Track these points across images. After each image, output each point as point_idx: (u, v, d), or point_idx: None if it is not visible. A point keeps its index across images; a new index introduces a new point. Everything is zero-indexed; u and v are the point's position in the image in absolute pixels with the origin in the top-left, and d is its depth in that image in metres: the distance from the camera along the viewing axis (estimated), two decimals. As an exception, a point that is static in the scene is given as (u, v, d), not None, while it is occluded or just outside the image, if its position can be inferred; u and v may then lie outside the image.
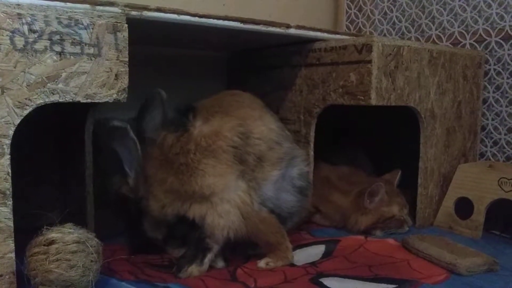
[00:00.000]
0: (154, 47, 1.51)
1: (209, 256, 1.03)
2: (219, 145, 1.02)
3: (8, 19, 0.78)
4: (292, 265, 1.06)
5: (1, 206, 0.79)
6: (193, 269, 1.00)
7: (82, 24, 0.85)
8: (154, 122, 1.08)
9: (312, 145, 1.34)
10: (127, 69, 0.90)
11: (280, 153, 1.09)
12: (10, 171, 0.80)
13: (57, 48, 0.83)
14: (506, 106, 1.51)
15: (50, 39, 0.82)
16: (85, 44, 0.85)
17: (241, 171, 1.03)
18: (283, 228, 1.09)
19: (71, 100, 0.85)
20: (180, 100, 1.11)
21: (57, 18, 0.82)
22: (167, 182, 1.02)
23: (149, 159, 1.05)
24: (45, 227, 0.86)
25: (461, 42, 1.59)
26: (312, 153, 1.34)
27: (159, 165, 1.04)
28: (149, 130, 1.07)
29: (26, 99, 0.80)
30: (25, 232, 0.85)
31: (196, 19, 1.03)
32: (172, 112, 1.09)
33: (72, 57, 0.84)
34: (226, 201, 1.00)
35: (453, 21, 1.62)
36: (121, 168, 1.07)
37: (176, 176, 1.01)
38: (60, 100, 0.84)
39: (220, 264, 1.06)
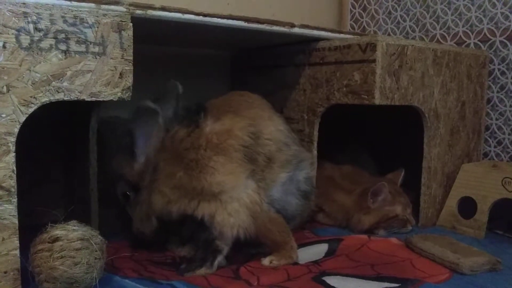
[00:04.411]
0: (158, 46, 1.51)
1: (219, 259, 1.03)
2: (230, 143, 1.02)
3: (14, 18, 0.78)
4: (295, 263, 1.06)
5: (6, 203, 0.80)
6: (202, 272, 1.00)
7: (87, 22, 0.85)
8: (167, 114, 1.08)
9: (315, 144, 1.34)
10: (132, 67, 0.91)
11: (288, 155, 1.10)
12: (15, 168, 0.80)
13: (62, 47, 0.83)
14: (510, 106, 1.51)
15: (55, 38, 0.82)
16: (90, 42, 0.86)
17: (251, 170, 1.03)
18: (288, 227, 1.09)
19: (76, 99, 0.85)
20: (184, 99, 1.11)
21: (62, 16, 0.83)
22: (175, 177, 1.02)
23: (160, 150, 1.06)
24: (49, 224, 0.87)
25: (466, 41, 1.59)
26: (315, 152, 1.34)
27: (169, 159, 1.04)
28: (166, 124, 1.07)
29: (31, 97, 0.81)
30: (29, 229, 0.85)
31: (201, 18, 1.03)
32: (183, 111, 1.09)
33: (77, 55, 0.85)
34: (235, 200, 1.00)
35: (458, 21, 1.62)
36: (130, 149, 1.07)
37: (185, 171, 1.01)
38: (65, 98, 0.84)
39: (223, 262, 1.06)
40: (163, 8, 0.97)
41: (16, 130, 0.80)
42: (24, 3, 0.79)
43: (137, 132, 1.05)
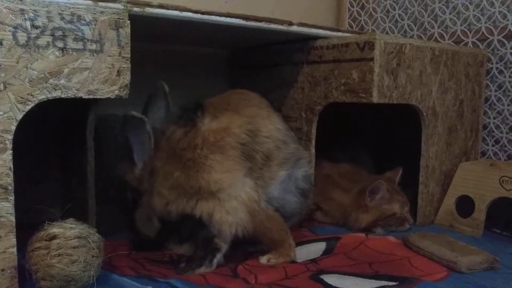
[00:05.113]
0: (156, 44, 1.51)
1: (218, 257, 1.03)
2: (228, 141, 1.02)
3: (10, 15, 0.78)
4: (293, 262, 1.06)
5: (3, 201, 0.80)
6: (201, 271, 1.00)
7: (85, 20, 0.85)
8: (159, 114, 1.08)
9: (313, 142, 1.34)
10: (129, 65, 0.91)
11: (286, 153, 1.10)
12: (12, 166, 0.80)
13: (60, 44, 0.83)
14: (508, 105, 1.51)
15: (52, 35, 0.82)
16: (88, 40, 0.86)
17: (248, 168, 1.03)
18: (286, 226, 1.09)
19: (73, 96, 0.85)
20: (181, 97, 1.11)
21: (59, 14, 0.82)
22: (173, 176, 1.02)
23: (156, 151, 1.05)
24: (46, 222, 0.86)
25: (464, 40, 1.59)
26: (313, 150, 1.34)
27: (166, 159, 1.04)
28: (154, 122, 1.07)
29: (28, 94, 0.81)
30: (27, 227, 0.85)
31: (198, 16, 1.03)
32: (180, 109, 1.09)
33: (74, 53, 0.85)
34: (233, 198, 1.00)
35: (456, 20, 1.62)
36: (129, 156, 1.07)
37: (183, 171, 1.01)
38: (62, 96, 0.84)
39: (221, 260, 1.05)
40: (161, 6, 0.97)
41: (13, 127, 0.80)
42: (21, 0, 0.79)
43: (131, 139, 1.05)
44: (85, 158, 1.11)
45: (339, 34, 1.29)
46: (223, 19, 1.07)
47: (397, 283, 0.96)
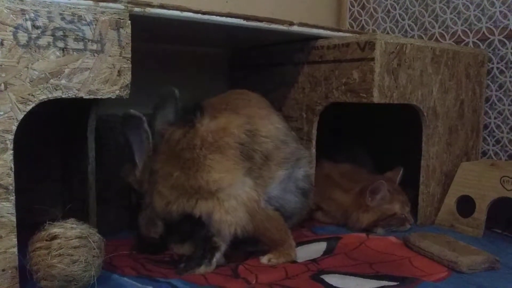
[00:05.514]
0: (157, 44, 1.51)
1: (217, 256, 1.03)
2: (226, 141, 1.02)
3: (11, 15, 0.78)
4: (294, 261, 1.06)
5: (4, 201, 0.80)
6: (201, 270, 1.00)
7: (85, 20, 0.85)
8: (167, 120, 1.08)
9: (314, 142, 1.34)
10: (130, 65, 0.91)
11: (286, 153, 1.10)
12: (13, 166, 0.80)
13: (60, 44, 0.83)
14: (509, 105, 1.51)
15: (53, 35, 0.82)
16: (88, 40, 0.86)
17: (247, 168, 1.03)
18: (287, 226, 1.09)
19: (74, 96, 0.85)
20: (182, 97, 1.11)
21: (60, 14, 0.82)
22: (172, 176, 1.02)
23: (156, 154, 1.05)
24: (47, 222, 0.86)
25: (464, 40, 1.59)
26: (314, 150, 1.34)
27: (166, 160, 1.04)
28: (162, 127, 1.07)
29: (29, 94, 0.81)
30: (27, 227, 0.85)
31: (199, 16, 1.03)
32: (180, 111, 1.09)
33: (75, 53, 0.85)
34: (233, 198, 1.00)
35: (456, 19, 1.62)
36: (131, 156, 1.07)
37: (182, 171, 1.01)
38: (63, 96, 0.84)
39: (221, 260, 1.06)
40: (161, 6, 0.97)
41: (14, 127, 0.80)
42: (21, 0, 0.79)
43: (131, 138, 1.05)
44: (86, 158, 1.11)
45: (340, 34, 1.29)
46: (223, 19, 1.07)
47: (398, 283, 0.96)
